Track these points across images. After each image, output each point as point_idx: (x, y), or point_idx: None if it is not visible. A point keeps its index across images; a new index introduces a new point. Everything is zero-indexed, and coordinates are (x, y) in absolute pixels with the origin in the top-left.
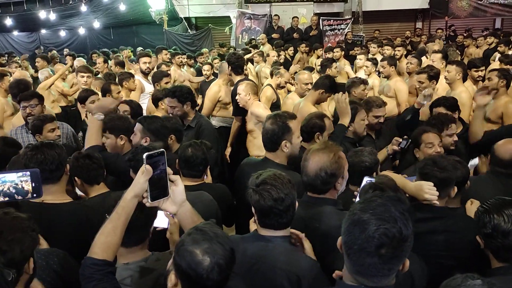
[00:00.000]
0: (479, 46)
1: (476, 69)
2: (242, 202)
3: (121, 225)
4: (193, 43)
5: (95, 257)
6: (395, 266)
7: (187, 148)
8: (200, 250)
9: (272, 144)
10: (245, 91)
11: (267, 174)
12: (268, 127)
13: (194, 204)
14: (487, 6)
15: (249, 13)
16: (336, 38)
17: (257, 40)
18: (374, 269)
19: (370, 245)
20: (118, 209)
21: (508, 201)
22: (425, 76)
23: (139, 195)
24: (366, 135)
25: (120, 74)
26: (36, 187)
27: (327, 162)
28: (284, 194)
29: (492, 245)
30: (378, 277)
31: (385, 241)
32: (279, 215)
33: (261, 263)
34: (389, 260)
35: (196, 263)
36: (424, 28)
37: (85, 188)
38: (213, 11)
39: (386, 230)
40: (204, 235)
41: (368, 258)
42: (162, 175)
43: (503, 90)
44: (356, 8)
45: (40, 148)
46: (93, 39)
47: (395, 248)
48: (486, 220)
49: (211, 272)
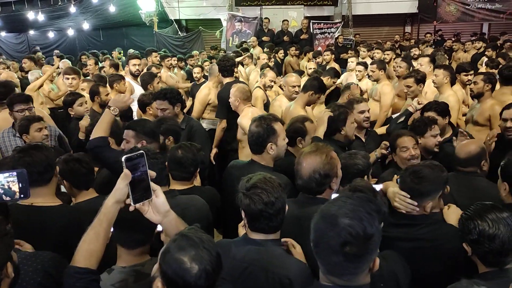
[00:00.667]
0: (467, 50)
1: (465, 73)
2: (229, 204)
3: (104, 232)
4: (184, 45)
5: (77, 265)
6: (361, 265)
7: (176, 150)
8: (188, 257)
9: (257, 147)
10: (235, 96)
11: (257, 177)
12: (254, 129)
13: (186, 208)
14: (475, 11)
15: (239, 16)
16: (326, 41)
17: (248, 43)
18: (340, 268)
19: (335, 243)
20: (100, 216)
21: (489, 205)
22: (412, 80)
23: (121, 200)
24: (356, 138)
25: (111, 76)
26: (23, 187)
27: (320, 164)
28: (274, 198)
29: (479, 250)
30: (346, 276)
31: (348, 239)
32: (269, 219)
33: (253, 267)
34: (354, 258)
35: (183, 270)
36: (413, 32)
37: (73, 192)
38: (203, 14)
39: (351, 228)
40: (190, 241)
41: (334, 256)
42: (143, 177)
43: (488, 94)
44: (346, 12)
45: (28, 151)
46: (82, 40)
47: (359, 246)
48: (471, 227)
49: (199, 279)
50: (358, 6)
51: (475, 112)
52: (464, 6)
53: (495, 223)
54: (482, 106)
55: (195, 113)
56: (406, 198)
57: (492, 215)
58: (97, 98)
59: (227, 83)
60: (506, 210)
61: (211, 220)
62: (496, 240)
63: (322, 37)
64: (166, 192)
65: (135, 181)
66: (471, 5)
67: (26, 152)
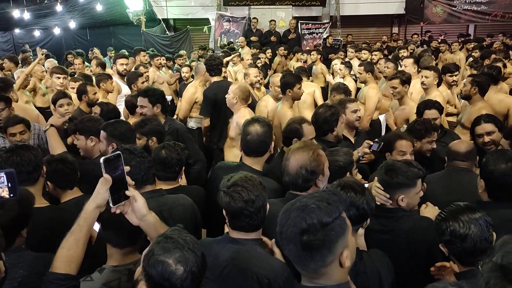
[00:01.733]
0: (453, 51)
1: (450, 74)
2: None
3: (83, 237)
4: (172, 45)
5: (57, 271)
6: (321, 257)
7: (160, 150)
8: (173, 259)
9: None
10: (234, 94)
11: (238, 176)
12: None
13: (174, 208)
14: (461, 13)
15: (228, 16)
16: (314, 41)
17: (235, 43)
18: (298, 257)
19: (291, 231)
20: (79, 221)
21: (464, 206)
22: (398, 81)
23: (102, 205)
24: (344, 139)
25: (98, 75)
26: (13, 187)
27: (306, 160)
28: (254, 196)
29: (454, 250)
30: (309, 266)
31: (304, 227)
32: (249, 217)
33: (233, 266)
34: (311, 248)
35: (169, 273)
36: (400, 33)
37: (58, 193)
38: (191, 13)
39: (306, 215)
40: (174, 243)
41: (292, 245)
42: (121, 178)
43: (477, 97)
44: (334, 12)
45: (16, 151)
46: (69, 39)
47: (315, 234)
48: (443, 227)
49: (184, 281)
50: (346, 7)
51: (464, 115)
52: (451, 7)
53: (467, 224)
54: (471, 109)
55: (182, 112)
56: (379, 190)
57: (464, 216)
58: (85, 97)
59: (214, 82)
60: (479, 210)
61: (199, 220)
62: (467, 240)
63: (310, 37)
64: (154, 192)
65: (114, 183)
66: (457, 6)
67: (14, 152)
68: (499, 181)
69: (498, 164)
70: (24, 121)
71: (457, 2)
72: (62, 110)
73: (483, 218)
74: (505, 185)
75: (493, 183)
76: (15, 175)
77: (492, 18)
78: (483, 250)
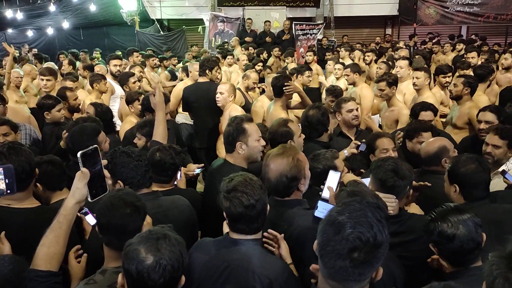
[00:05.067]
0: (445, 52)
1: (443, 75)
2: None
3: (64, 234)
4: (166, 45)
5: (38, 269)
6: (366, 272)
7: (155, 153)
8: (144, 248)
9: (229, 146)
10: (229, 92)
11: (238, 179)
12: (226, 128)
13: (169, 210)
14: (454, 14)
15: (222, 16)
16: (308, 42)
17: (229, 43)
18: (344, 273)
19: (343, 247)
20: (59, 218)
21: (453, 208)
22: (384, 83)
23: (81, 201)
24: (344, 137)
25: (92, 75)
26: (10, 183)
27: (286, 167)
28: (254, 201)
29: (442, 251)
30: (349, 282)
31: (358, 245)
32: (250, 221)
33: (234, 266)
34: (360, 264)
35: (137, 261)
36: (393, 34)
37: (47, 194)
38: (185, 14)
39: (361, 234)
40: (152, 235)
41: (340, 260)
42: (99, 172)
43: (467, 97)
44: (328, 13)
45: (8, 156)
46: (62, 39)
47: (367, 253)
48: (432, 227)
49: (152, 271)
50: (339, 8)
51: (454, 114)
52: (443, 9)
53: (455, 224)
54: (460, 109)
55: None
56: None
57: (453, 217)
58: (65, 104)
59: (194, 83)
60: (468, 212)
61: (195, 221)
62: (454, 241)
63: (304, 38)
64: (149, 194)
65: (92, 177)
66: (450, 8)
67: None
68: (473, 180)
69: (467, 165)
70: (8, 123)
71: (450, 3)
72: (59, 115)
73: (471, 219)
74: (479, 183)
75: (467, 184)
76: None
77: (484, 19)
78: (471, 250)
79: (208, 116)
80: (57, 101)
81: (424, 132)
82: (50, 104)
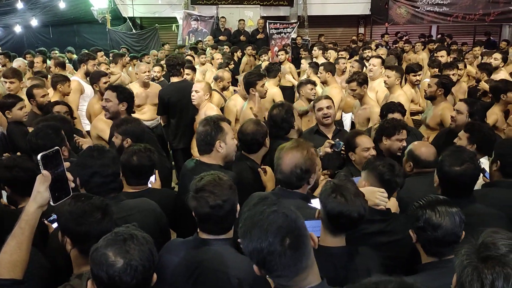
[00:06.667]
0: (416, 51)
1: (414, 73)
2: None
3: (27, 240)
4: (139, 43)
5: (1, 277)
6: (305, 250)
7: (131, 156)
8: (112, 252)
9: (206, 146)
10: (204, 90)
11: (207, 179)
12: (201, 129)
13: (131, 215)
14: (424, 14)
15: (195, 15)
16: (282, 41)
17: (203, 42)
18: (291, 261)
19: (276, 243)
20: (21, 224)
21: (441, 199)
22: (355, 83)
23: (43, 204)
24: (321, 135)
25: (54, 76)
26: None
27: (301, 159)
28: (222, 201)
29: (422, 238)
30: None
31: (284, 231)
32: (218, 222)
33: (203, 266)
34: (296, 246)
35: (107, 266)
36: (366, 33)
37: (17, 198)
38: (158, 12)
39: (282, 218)
40: (118, 236)
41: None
42: (61, 174)
43: (440, 98)
44: (301, 12)
45: None
46: (31, 37)
47: (293, 232)
48: (419, 214)
49: (123, 274)
50: (313, 7)
51: (429, 115)
52: (414, 8)
53: (443, 214)
54: (434, 110)
55: None
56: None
57: (442, 208)
58: (33, 102)
59: (172, 83)
60: (456, 206)
61: (163, 223)
62: (439, 230)
63: (279, 37)
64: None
65: (55, 180)
66: (420, 8)
67: None
68: (453, 181)
69: (453, 165)
70: None
71: (420, 3)
72: (21, 113)
73: (458, 213)
74: (459, 184)
75: (447, 182)
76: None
77: (453, 19)
78: (450, 243)
79: (190, 115)
80: (17, 99)
81: (403, 129)
82: (10, 103)
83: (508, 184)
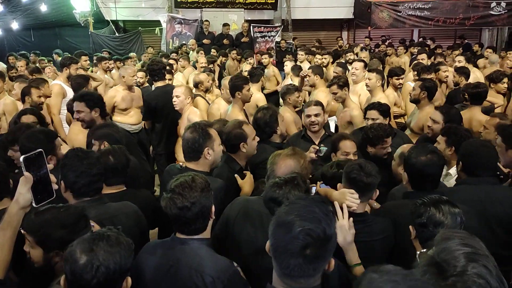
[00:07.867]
0: (399, 55)
1: (397, 77)
2: None
3: (9, 241)
4: (122, 46)
5: None
6: (319, 266)
7: (107, 157)
8: (79, 249)
9: (194, 153)
10: (185, 95)
11: (180, 180)
12: (189, 136)
13: (116, 216)
14: (406, 18)
15: (179, 18)
16: (266, 45)
17: (187, 46)
18: (299, 270)
19: (294, 246)
20: (3, 225)
21: (445, 199)
22: (336, 86)
23: (25, 206)
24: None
25: (33, 80)
26: None
27: (297, 167)
28: (189, 203)
29: (423, 234)
30: (303, 278)
31: (309, 242)
32: (187, 223)
33: (178, 265)
34: (313, 260)
35: (71, 261)
36: (349, 37)
37: None
38: (142, 15)
39: (310, 230)
40: (92, 236)
41: (293, 259)
42: (44, 176)
43: (425, 102)
44: (285, 16)
45: None
46: (12, 41)
47: (319, 248)
48: (422, 211)
49: (84, 271)
50: (297, 11)
51: (413, 119)
52: (396, 13)
53: (446, 213)
54: (419, 114)
55: None
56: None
57: (445, 207)
58: (28, 99)
59: (157, 88)
60: (459, 207)
61: (143, 226)
62: (440, 228)
63: (263, 41)
64: (94, 200)
65: (37, 181)
66: (402, 12)
67: None
68: (420, 172)
69: (419, 156)
70: None
71: (402, 7)
72: None
73: (460, 214)
74: (425, 175)
75: (415, 174)
76: None
77: (434, 23)
78: None
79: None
80: None
81: (387, 138)
82: None
83: (472, 181)
